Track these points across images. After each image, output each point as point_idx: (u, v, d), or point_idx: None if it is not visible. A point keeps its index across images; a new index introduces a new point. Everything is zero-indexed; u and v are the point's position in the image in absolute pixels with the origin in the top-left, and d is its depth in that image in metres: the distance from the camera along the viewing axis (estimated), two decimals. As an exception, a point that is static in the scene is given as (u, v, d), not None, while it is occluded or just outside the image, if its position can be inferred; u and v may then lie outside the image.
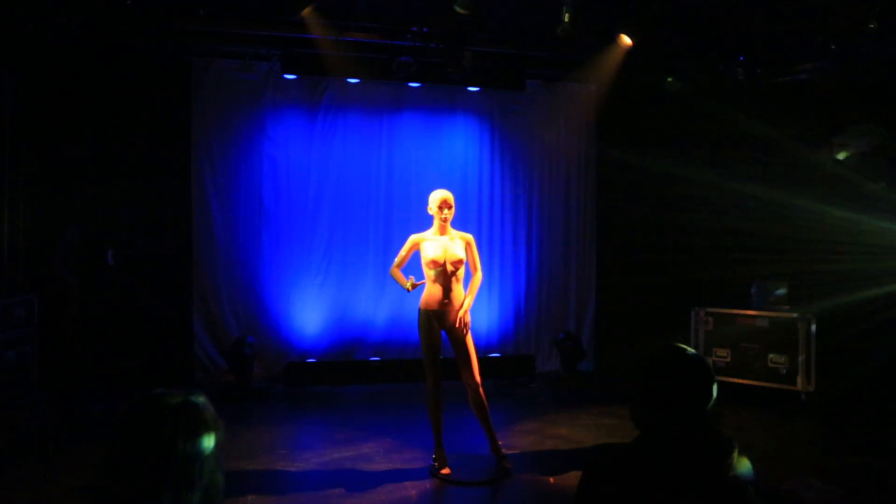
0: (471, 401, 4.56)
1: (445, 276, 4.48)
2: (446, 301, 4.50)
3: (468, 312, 4.54)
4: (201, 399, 1.37)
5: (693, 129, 7.22)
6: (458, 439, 5.02)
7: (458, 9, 5.13)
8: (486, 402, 4.57)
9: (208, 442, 1.34)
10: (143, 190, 6.43)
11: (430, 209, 4.56)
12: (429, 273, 4.52)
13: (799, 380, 6.38)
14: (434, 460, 4.56)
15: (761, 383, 6.55)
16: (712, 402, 1.67)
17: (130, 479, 1.27)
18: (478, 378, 4.53)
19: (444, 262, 4.47)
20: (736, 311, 6.79)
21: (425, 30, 6.14)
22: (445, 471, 4.47)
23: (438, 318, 4.52)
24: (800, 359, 6.37)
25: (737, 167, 7.11)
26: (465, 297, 4.55)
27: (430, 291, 4.53)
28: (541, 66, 7.12)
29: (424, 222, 4.84)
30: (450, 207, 4.53)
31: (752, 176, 7.06)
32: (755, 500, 1.60)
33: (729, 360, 6.75)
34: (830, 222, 6.53)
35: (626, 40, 5.83)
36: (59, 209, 6.06)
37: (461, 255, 4.52)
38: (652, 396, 1.67)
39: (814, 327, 6.37)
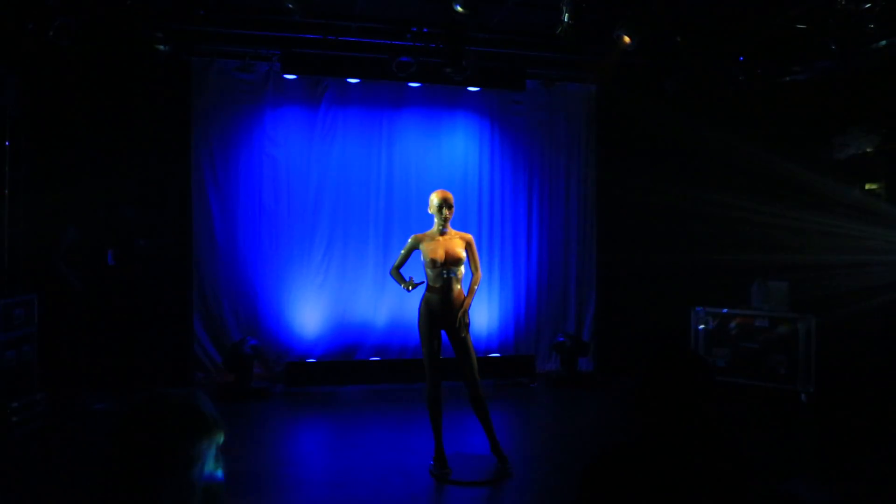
0: (471, 401, 4.57)
1: (445, 276, 4.49)
2: (446, 301, 4.50)
3: (468, 312, 4.55)
4: (201, 399, 1.37)
5: (693, 129, 7.21)
6: (458, 439, 5.03)
7: (458, 9, 5.13)
8: (485, 401, 4.58)
9: (209, 442, 1.34)
10: (144, 190, 6.46)
11: (431, 209, 4.56)
12: (429, 273, 4.53)
13: (799, 380, 6.38)
14: (434, 460, 4.56)
15: (761, 383, 6.55)
16: (711, 401, 1.67)
17: (131, 479, 1.27)
18: (477, 377, 4.54)
19: (444, 262, 4.47)
20: (736, 311, 6.80)
21: (425, 30, 6.15)
22: (446, 471, 4.48)
23: (438, 318, 4.52)
24: (800, 359, 6.37)
25: (737, 166, 7.11)
26: (465, 297, 4.56)
27: (430, 291, 4.54)
28: (541, 66, 7.11)
29: (424, 222, 4.84)
30: (450, 207, 4.54)
31: (752, 175, 7.05)
32: (756, 499, 1.61)
33: (729, 360, 6.75)
34: (830, 222, 6.53)
35: (626, 40, 5.83)
36: (59, 209, 6.06)
37: (461, 255, 4.53)
38: (652, 396, 1.68)
39: (814, 327, 6.38)
